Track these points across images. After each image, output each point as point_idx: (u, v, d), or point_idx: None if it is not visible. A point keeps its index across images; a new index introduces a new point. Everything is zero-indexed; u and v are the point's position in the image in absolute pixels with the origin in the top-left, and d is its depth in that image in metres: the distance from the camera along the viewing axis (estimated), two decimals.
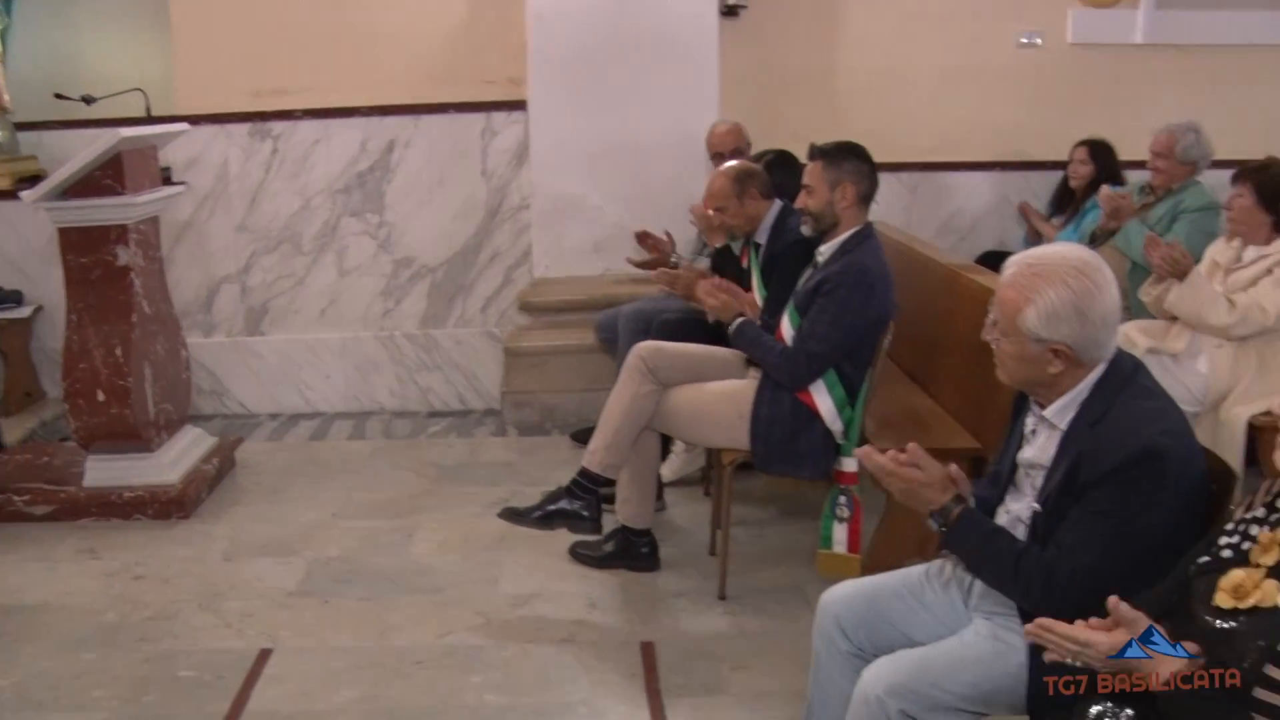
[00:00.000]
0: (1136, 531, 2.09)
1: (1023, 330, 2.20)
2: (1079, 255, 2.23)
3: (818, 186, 3.63)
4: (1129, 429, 2.12)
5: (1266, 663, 1.60)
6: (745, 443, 3.71)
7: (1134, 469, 2.08)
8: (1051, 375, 2.23)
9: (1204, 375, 4.15)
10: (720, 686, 3.32)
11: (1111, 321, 2.20)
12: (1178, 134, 5.06)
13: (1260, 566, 1.72)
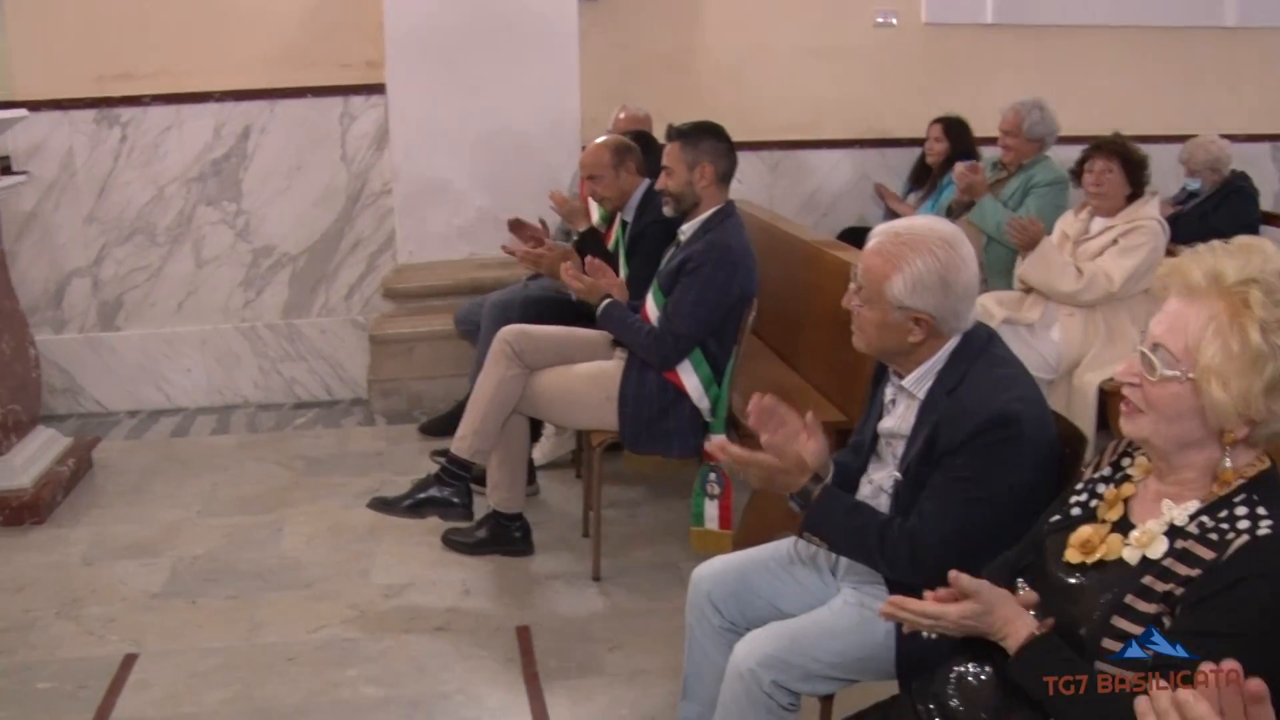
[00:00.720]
0: (994, 495, 2.15)
1: (887, 298, 2.25)
2: (945, 228, 2.29)
3: (676, 167, 3.65)
4: (984, 396, 2.18)
5: (1112, 614, 1.66)
6: (614, 423, 3.73)
7: (989, 434, 2.14)
8: (911, 344, 2.28)
9: (1057, 344, 4.32)
10: (597, 667, 3.34)
11: (971, 293, 2.26)
12: (1024, 112, 5.24)
13: (1106, 522, 1.78)
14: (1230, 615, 1.55)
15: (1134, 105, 6.43)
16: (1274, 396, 1.58)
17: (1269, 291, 1.57)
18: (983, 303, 4.47)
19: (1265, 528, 1.58)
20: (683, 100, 5.70)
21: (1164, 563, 1.64)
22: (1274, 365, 1.56)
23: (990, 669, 1.85)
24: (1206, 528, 1.63)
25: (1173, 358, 1.63)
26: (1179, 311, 1.65)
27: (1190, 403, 1.63)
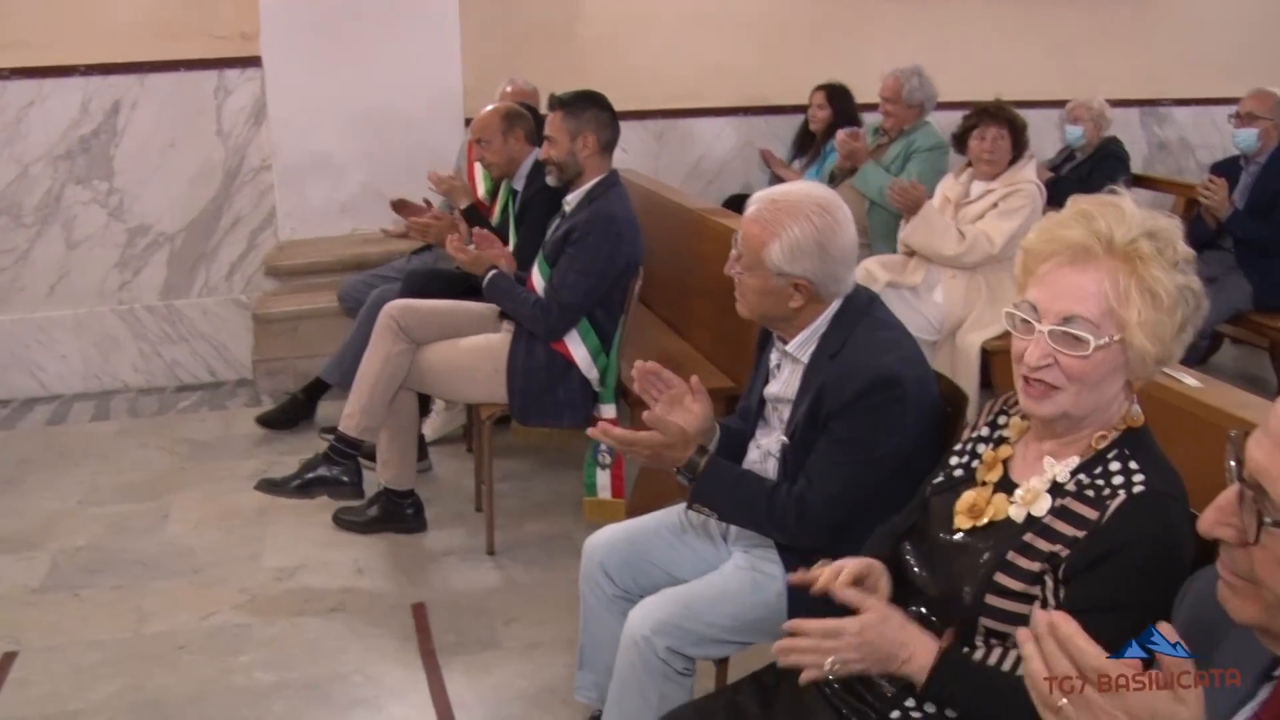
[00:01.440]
0: (879, 457, 2.20)
1: (766, 264, 2.27)
2: (821, 193, 2.32)
3: (559, 137, 3.64)
4: (866, 359, 2.22)
5: (996, 571, 1.71)
6: (503, 396, 3.72)
7: (872, 396, 2.18)
8: (792, 310, 2.31)
9: (940, 305, 4.41)
10: (494, 641, 3.35)
11: (850, 258, 2.30)
12: (902, 78, 5.32)
13: (987, 484, 1.82)
14: (1112, 585, 1.60)
15: (1011, 71, 6.54)
16: (1182, 335, 1.65)
17: (1154, 239, 1.63)
18: (866, 267, 4.55)
19: (1139, 484, 1.64)
20: (565, 70, 5.65)
21: (1045, 520, 1.69)
22: (1185, 305, 1.63)
23: None
24: (1084, 485, 1.68)
25: (1093, 325, 1.64)
26: (1076, 281, 1.65)
27: (1116, 362, 1.66)
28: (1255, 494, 1.10)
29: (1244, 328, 5.37)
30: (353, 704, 3.05)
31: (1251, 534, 1.10)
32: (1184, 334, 1.66)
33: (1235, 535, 1.13)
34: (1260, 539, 1.09)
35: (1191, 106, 7.35)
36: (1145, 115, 7.32)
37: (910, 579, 1.89)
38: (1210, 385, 2.42)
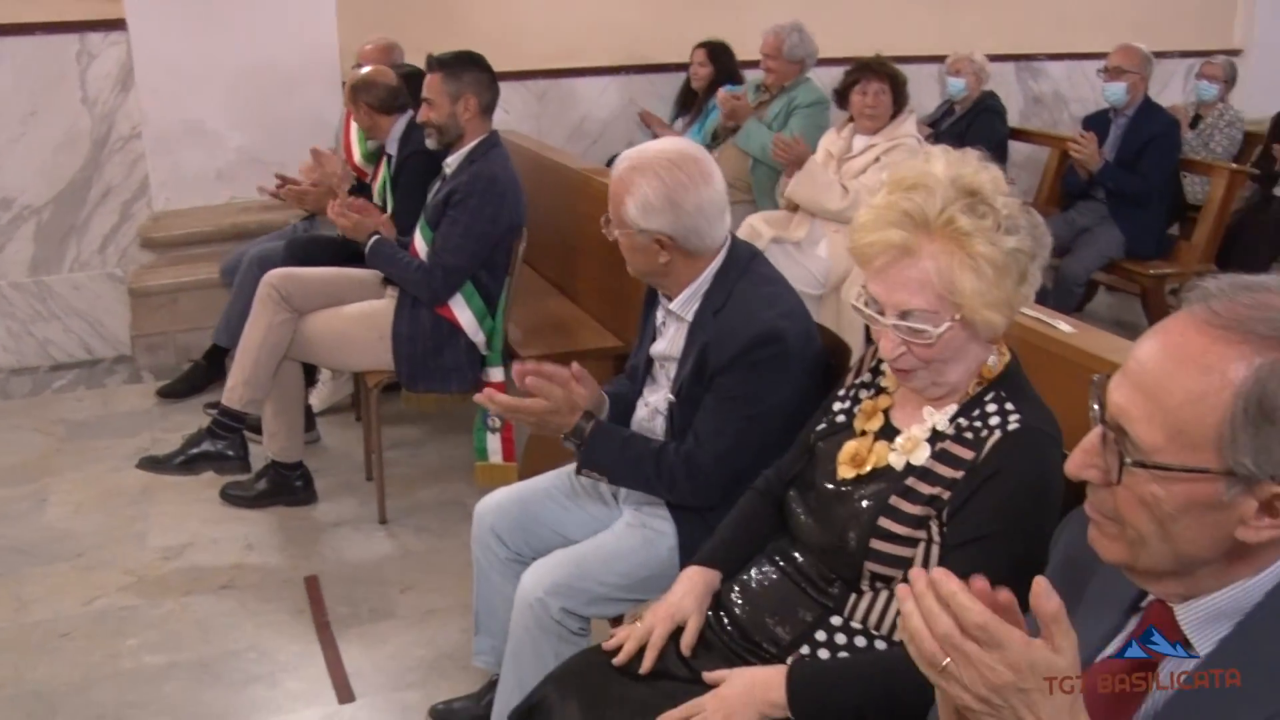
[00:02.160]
0: (765, 411, 2.22)
1: (627, 222, 2.29)
2: (676, 149, 2.31)
3: (439, 99, 3.58)
4: (748, 314, 2.23)
5: (879, 516, 1.75)
6: (389, 363, 3.67)
7: (756, 352, 2.20)
8: (662, 265, 2.32)
9: (825, 260, 4.47)
10: (389, 610, 3.32)
11: (709, 211, 2.28)
12: (783, 34, 5.35)
13: (868, 433, 1.86)
14: (989, 513, 1.66)
15: (891, 26, 6.63)
16: (1024, 286, 1.69)
17: (966, 208, 1.65)
18: (750, 223, 4.58)
19: (1014, 422, 1.69)
20: (444, 27, 5.56)
21: (926, 464, 1.74)
22: (1016, 264, 1.66)
23: (774, 572, 1.92)
24: (963, 428, 1.73)
25: (931, 314, 1.68)
26: (903, 271, 1.68)
27: (964, 335, 1.70)
28: (1116, 435, 1.14)
29: (1117, 275, 5.56)
30: (247, 681, 3.00)
31: (1114, 474, 1.14)
32: (1026, 284, 1.69)
33: (1100, 476, 1.17)
34: (1122, 478, 1.13)
35: (1064, 61, 7.52)
36: (1020, 70, 7.47)
37: (796, 527, 1.92)
38: (1084, 331, 2.49)
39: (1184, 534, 1.12)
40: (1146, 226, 5.33)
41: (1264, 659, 1.11)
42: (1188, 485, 1.10)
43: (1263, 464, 1.06)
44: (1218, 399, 1.07)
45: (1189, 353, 1.10)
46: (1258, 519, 1.09)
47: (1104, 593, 1.31)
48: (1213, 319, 1.10)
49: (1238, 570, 1.15)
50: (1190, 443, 1.09)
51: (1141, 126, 5.36)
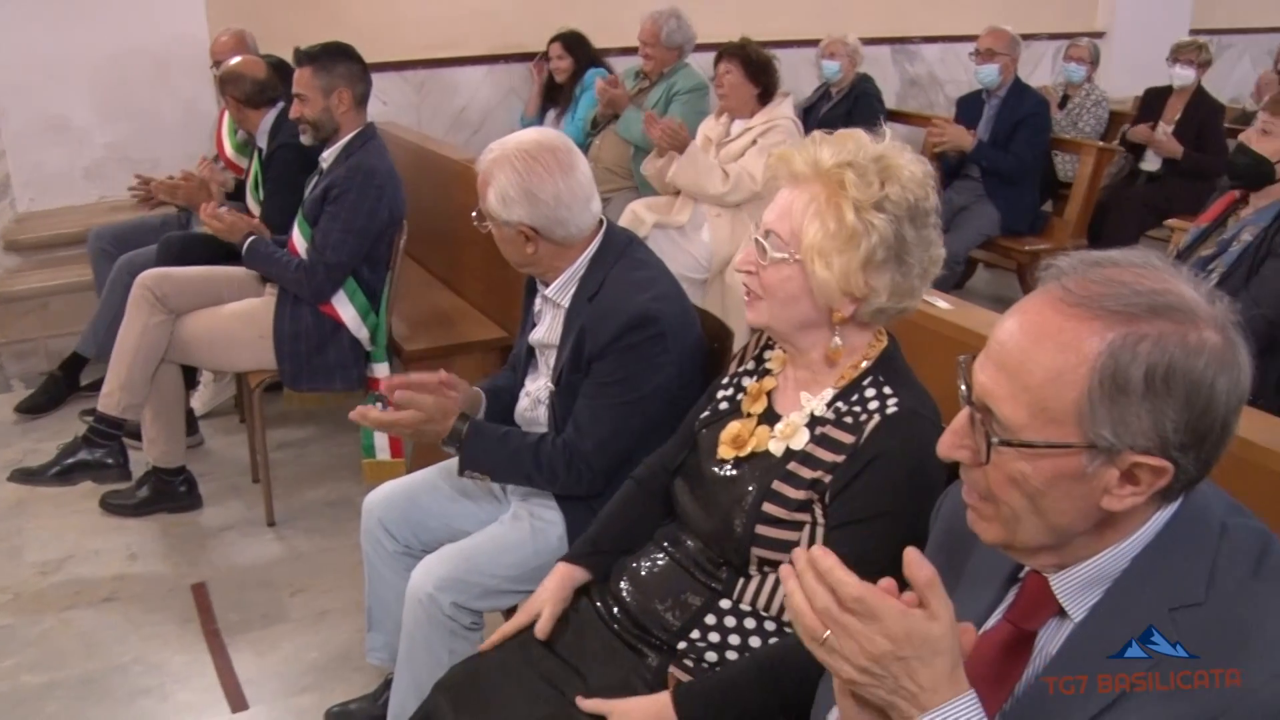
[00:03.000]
0: (644, 396, 2.23)
1: (491, 214, 2.30)
2: (534, 139, 2.31)
3: (311, 94, 3.51)
4: (622, 298, 2.24)
5: (763, 501, 1.76)
6: (271, 362, 3.60)
7: (631, 336, 2.20)
8: (531, 255, 2.32)
9: (707, 244, 4.49)
10: (281, 614, 3.27)
11: (569, 201, 2.28)
12: (660, 21, 5.36)
13: (752, 416, 1.88)
14: (871, 496, 1.68)
15: (765, 11, 6.68)
16: (872, 272, 1.69)
17: (861, 174, 1.68)
18: (633, 209, 4.60)
19: (893, 405, 1.72)
20: (316, 18, 5.44)
21: (807, 449, 1.76)
22: (868, 242, 1.67)
23: (662, 558, 1.93)
24: (842, 412, 1.75)
25: (782, 241, 1.73)
26: (786, 198, 1.74)
27: (800, 284, 1.73)
28: (983, 415, 1.17)
29: (994, 252, 5.71)
30: (134, 695, 2.92)
31: (983, 454, 1.17)
32: (873, 273, 1.69)
33: (970, 456, 1.20)
34: (990, 458, 1.17)
35: (938, 44, 7.67)
36: (896, 53, 7.60)
37: (683, 514, 1.94)
38: (960, 307, 2.55)
39: (1054, 507, 1.16)
40: (1021, 204, 5.49)
41: (1132, 620, 1.15)
42: (1053, 460, 1.13)
43: (1121, 434, 1.10)
44: (1075, 375, 1.10)
45: (1046, 331, 1.13)
46: (1120, 488, 1.13)
47: (983, 565, 1.35)
48: (1066, 296, 1.13)
49: (1108, 538, 1.19)
50: (1052, 419, 1.12)
51: (1013, 107, 5.51)
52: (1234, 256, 3.26)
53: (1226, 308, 1.13)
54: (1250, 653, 1.08)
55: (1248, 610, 1.11)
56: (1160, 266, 1.15)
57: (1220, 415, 1.11)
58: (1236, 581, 1.14)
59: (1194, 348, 1.09)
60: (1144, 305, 1.10)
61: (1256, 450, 1.79)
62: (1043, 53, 7.81)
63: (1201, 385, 1.09)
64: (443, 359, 3.74)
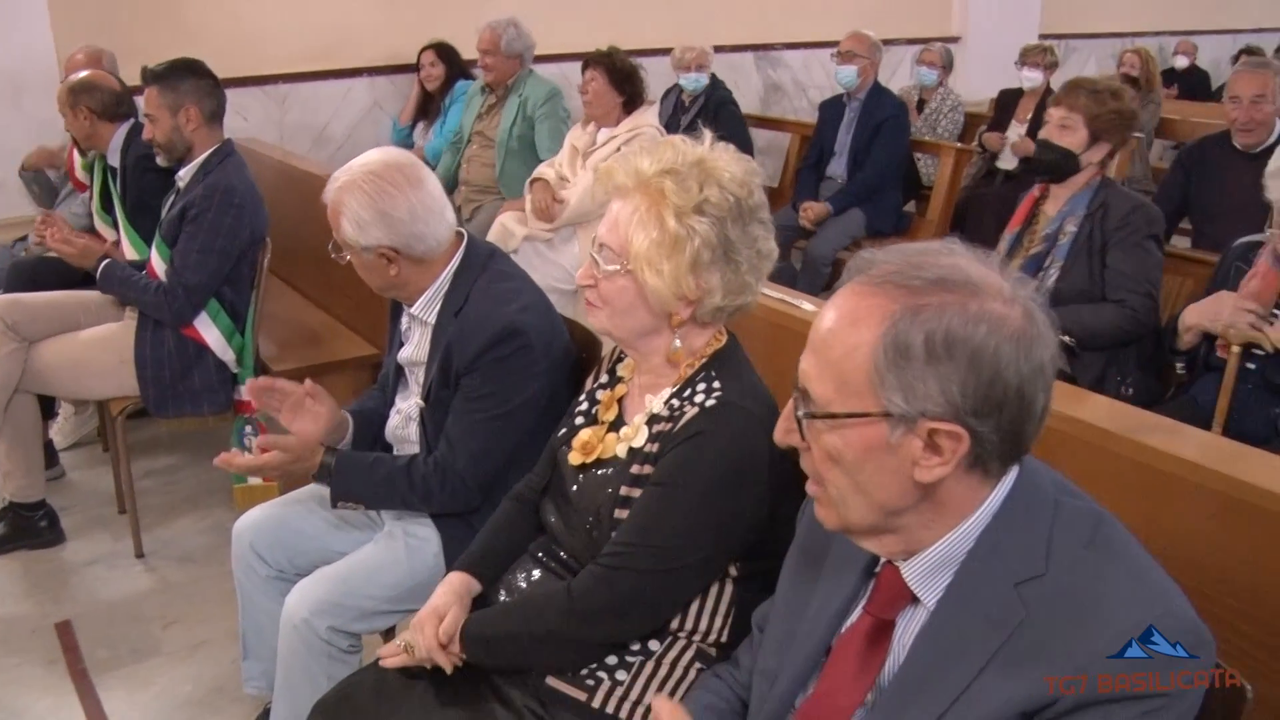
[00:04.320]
0: (514, 409, 2.23)
1: (349, 242, 2.27)
2: (378, 159, 2.29)
3: (159, 114, 3.41)
4: (488, 312, 2.24)
5: (615, 508, 1.79)
6: (134, 388, 3.48)
7: (498, 349, 2.20)
8: (395, 277, 2.31)
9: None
10: (153, 648, 3.17)
11: (422, 214, 2.26)
12: (499, 29, 5.33)
13: (604, 424, 1.90)
14: (674, 465, 1.72)
15: (629, 20, 6.73)
16: (701, 273, 1.73)
17: (680, 180, 1.71)
18: (502, 222, 4.58)
19: (714, 398, 1.75)
20: (170, 32, 5.30)
21: (645, 448, 1.78)
22: (692, 245, 1.70)
23: (538, 570, 1.94)
24: (674, 408, 1.78)
25: (613, 254, 1.75)
26: (614, 211, 1.77)
27: (635, 292, 1.75)
28: (801, 396, 1.24)
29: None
30: None
31: (799, 431, 1.25)
32: (702, 274, 1.73)
33: (799, 439, 1.27)
34: (804, 434, 1.25)
35: (800, 50, 7.81)
36: (759, 59, 7.72)
37: (552, 533, 1.95)
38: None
39: (872, 481, 1.22)
40: (885, 206, 5.62)
41: (981, 598, 1.22)
42: (858, 430, 1.20)
43: (911, 400, 1.17)
44: (866, 346, 1.18)
45: (845, 311, 1.21)
46: (926, 458, 1.20)
47: (842, 558, 1.40)
48: (866, 280, 1.21)
49: (945, 520, 1.25)
50: (853, 391, 1.19)
51: (872, 110, 5.64)
52: (1065, 250, 3.35)
53: (1027, 288, 1.20)
54: (1095, 616, 1.15)
55: (1086, 578, 1.19)
56: (958, 251, 1.23)
57: (1012, 384, 1.17)
58: (1072, 553, 1.21)
59: (975, 316, 1.16)
60: (926, 280, 1.18)
61: (1098, 433, 1.87)
62: (901, 57, 8.02)
63: (985, 351, 1.15)
64: (313, 378, 3.67)
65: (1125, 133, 3.43)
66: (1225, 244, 3.08)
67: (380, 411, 2.49)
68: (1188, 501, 1.75)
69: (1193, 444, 1.84)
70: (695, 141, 1.76)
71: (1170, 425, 1.93)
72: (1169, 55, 9.49)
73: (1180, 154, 4.71)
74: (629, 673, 1.78)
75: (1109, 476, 1.81)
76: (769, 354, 2.05)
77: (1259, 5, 10.96)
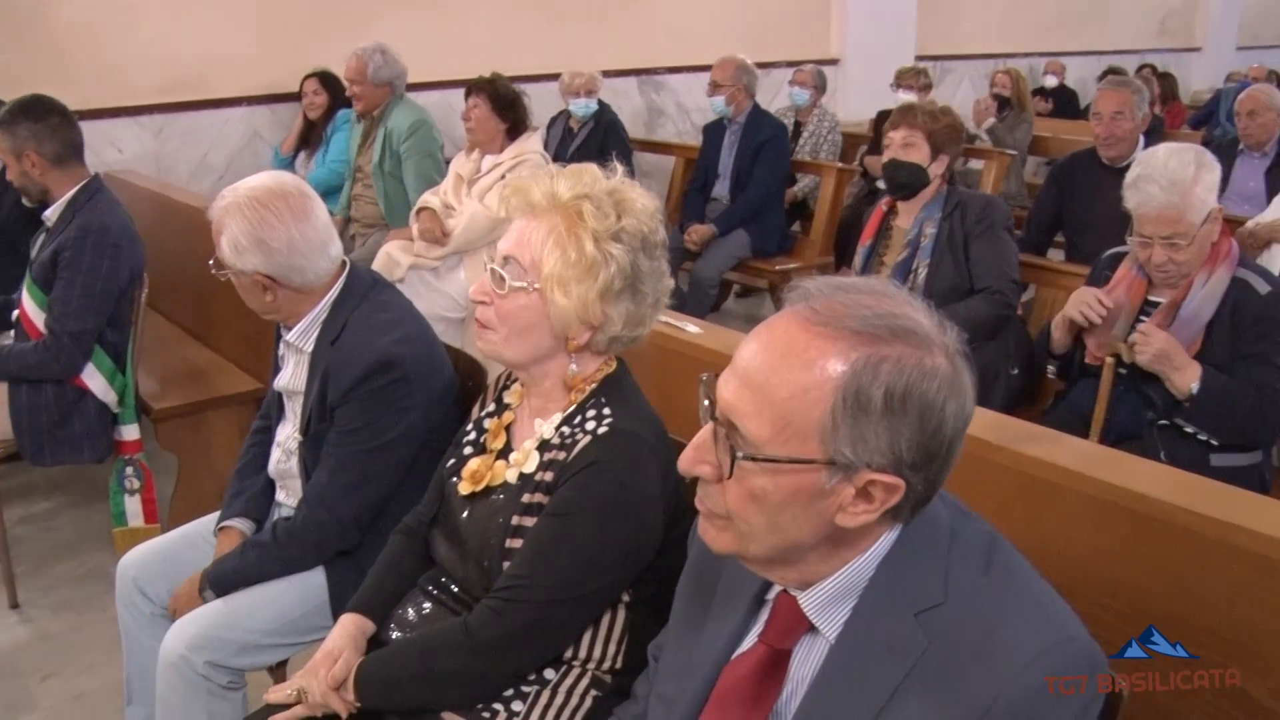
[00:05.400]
0: (390, 441, 2.20)
1: (226, 262, 2.24)
2: (266, 185, 2.25)
3: (6, 159, 3.28)
4: (364, 343, 2.21)
5: (506, 538, 1.77)
6: (7, 432, 3.33)
7: (373, 380, 2.18)
8: (270, 302, 2.28)
9: (464, 283, 4.45)
10: (29, 703, 3.04)
11: (303, 248, 2.23)
12: (366, 57, 5.23)
13: (492, 452, 1.89)
14: (570, 496, 1.71)
15: (511, 47, 6.72)
16: (608, 301, 1.74)
17: (598, 205, 1.73)
18: (388, 251, 4.53)
19: (606, 425, 1.76)
20: (36, 63, 5.09)
21: (536, 476, 1.78)
22: (607, 271, 1.72)
23: (427, 603, 1.92)
24: (565, 435, 1.78)
25: (521, 270, 1.74)
26: (524, 228, 1.76)
27: (539, 312, 1.75)
28: (727, 430, 1.19)
29: (747, 273, 5.90)
30: None
31: (726, 469, 1.20)
32: (610, 302, 1.74)
33: (712, 472, 1.22)
34: (733, 473, 1.19)
35: (683, 73, 7.89)
36: (642, 84, 7.77)
37: (442, 564, 1.94)
38: (710, 330, 2.62)
39: (791, 524, 1.19)
40: (769, 227, 5.70)
41: (883, 629, 1.21)
42: (795, 476, 1.17)
43: (860, 452, 1.15)
44: (820, 392, 1.14)
45: (793, 349, 1.16)
46: (854, 505, 1.18)
47: (733, 587, 1.38)
48: (813, 316, 1.17)
49: (843, 554, 1.23)
50: (796, 434, 1.15)
51: (753, 132, 5.72)
52: (930, 250, 3.57)
53: (955, 337, 1.19)
54: (998, 645, 1.15)
55: (985, 605, 1.19)
56: (895, 294, 1.21)
57: (948, 437, 1.17)
58: (970, 580, 1.21)
59: (929, 371, 1.15)
60: (885, 328, 1.15)
61: (981, 444, 1.91)
62: (783, 80, 8.13)
63: (934, 407, 1.15)
64: (196, 415, 3.58)
65: (959, 144, 3.71)
66: (1097, 255, 3.20)
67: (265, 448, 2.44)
68: (1067, 507, 1.80)
69: (1070, 452, 1.90)
70: (607, 172, 1.78)
71: (1049, 435, 2.00)
72: (1039, 75, 9.84)
73: (1052, 170, 4.87)
74: (525, 703, 1.77)
75: (992, 486, 1.86)
76: (656, 377, 2.07)
77: (1121, 28, 11.48)
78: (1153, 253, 2.81)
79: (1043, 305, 3.79)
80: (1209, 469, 2.68)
